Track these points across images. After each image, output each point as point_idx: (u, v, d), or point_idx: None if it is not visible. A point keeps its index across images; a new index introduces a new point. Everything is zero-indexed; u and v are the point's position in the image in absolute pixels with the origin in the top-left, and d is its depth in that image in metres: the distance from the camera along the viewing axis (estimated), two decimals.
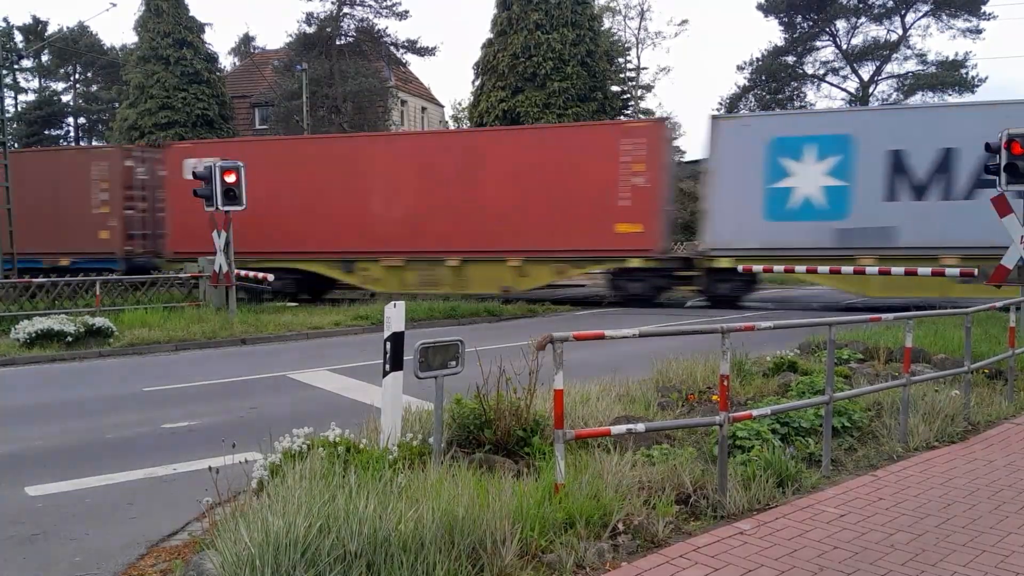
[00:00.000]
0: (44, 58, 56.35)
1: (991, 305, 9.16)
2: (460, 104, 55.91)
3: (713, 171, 20.69)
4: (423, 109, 54.16)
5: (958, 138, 17.61)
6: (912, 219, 18.88)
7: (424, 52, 42.79)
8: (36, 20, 55.57)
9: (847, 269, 18.96)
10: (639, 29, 50.55)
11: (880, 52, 45.16)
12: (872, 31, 45.52)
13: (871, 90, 45.83)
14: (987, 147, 12.85)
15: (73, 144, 53.43)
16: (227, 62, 52.89)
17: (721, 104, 47.82)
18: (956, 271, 18.52)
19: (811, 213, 19.57)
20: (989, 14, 43.16)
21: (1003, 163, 12.33)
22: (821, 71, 47.14)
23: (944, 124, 18.77)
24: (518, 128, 30.22)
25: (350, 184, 23.06)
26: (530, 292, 23.20)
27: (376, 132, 36.33)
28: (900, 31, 44.76)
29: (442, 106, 57.45)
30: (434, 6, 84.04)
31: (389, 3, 41.38)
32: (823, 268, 19.43)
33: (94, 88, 56.84)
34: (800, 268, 19.87)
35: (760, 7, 45.68)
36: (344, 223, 23.02)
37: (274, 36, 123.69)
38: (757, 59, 46.55)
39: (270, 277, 22.45)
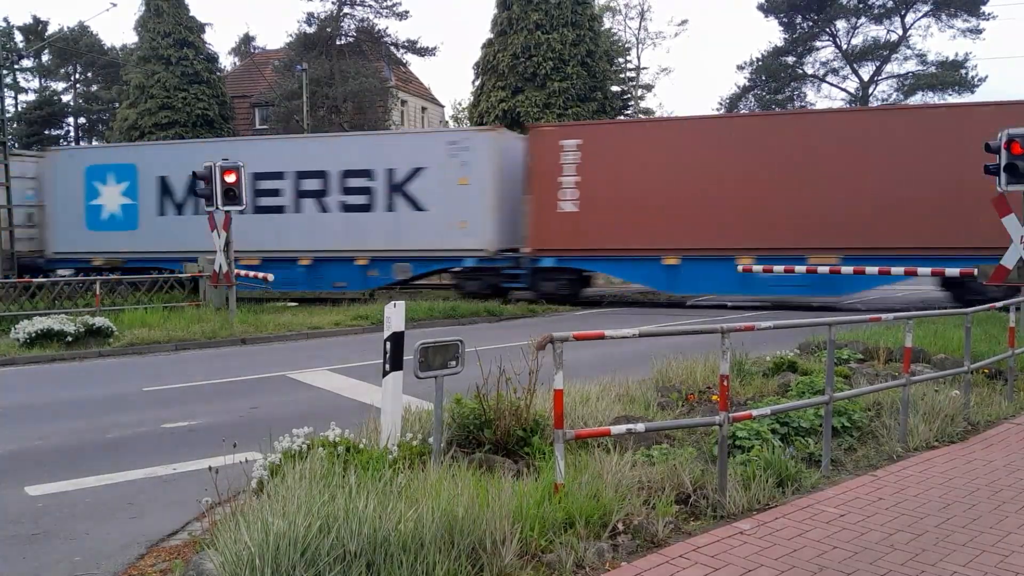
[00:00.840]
0: (44, 58, 56.36)
1: (991, 305, 9.17)
2: (460, 104, 55.98)
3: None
4: (423, 109, 54.17)
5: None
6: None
7: (424, 52, 42.80)
8: (36, 20, 55.59)
9: None
10: (639, 29, 50.70)
11: (880, 52, 45.17)
12: (872, 31, 45.59)
13: (871, 90, 45.86)
14: (987, 147, 12.84)
15: (72, 143, 53.42)
16: (227, 62, 52.98)
17: (721, 104, 47.86)
18: (956, 271, 18.54)
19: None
20: (989, 14, 43.28)
21: (1003, 163, 12.33)
22: (821, 71, 47.20)
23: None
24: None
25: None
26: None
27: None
28: (900, 31, 44.80)
29: (442, 106, 57.47)
30: (434, 6, 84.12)
31: (389, 3, 41.39)
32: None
33: (94, 88, 56.81)
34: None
35: (760, 7, 45.70)
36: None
37: (274, 36, 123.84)
38: (757, 59, 46.59)
39: (270, 277, 22.45)
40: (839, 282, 19.86)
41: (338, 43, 41.22)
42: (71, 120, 57.39)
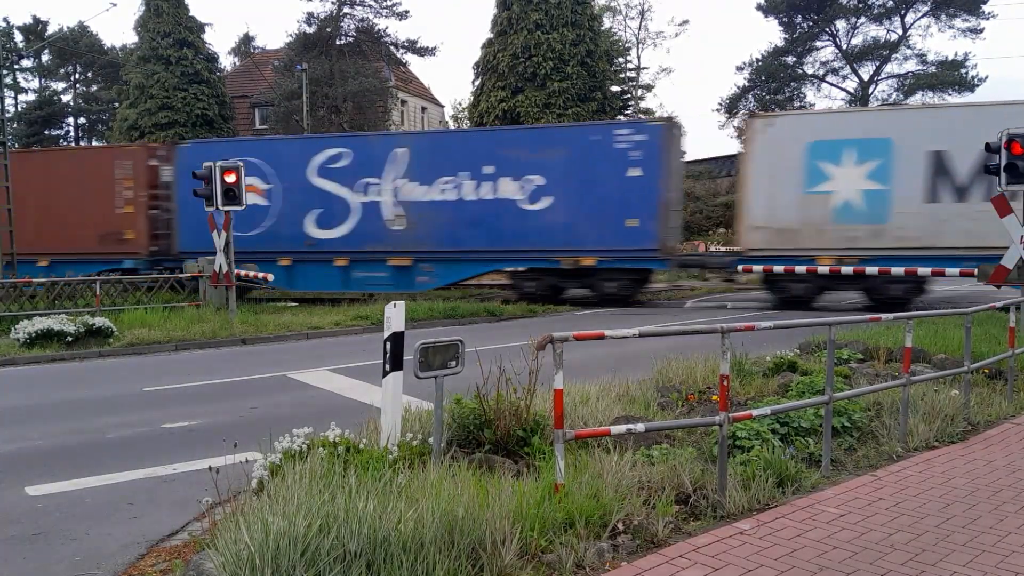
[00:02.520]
0: (44, 58, 56.40)
1: (991, 305, 9.17)
2: (460, 104, 55.97)
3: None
4: (423, 109, 54.17)
5: None
6: None
7: (424, 52, 42.80)
8: (36, 20, 55.62)
9: None
10: (639, 29, 50.59)
11: (880, 52, 45.16)
12: (872, 31, 45.59)
13: (871, 90, 45.85)
14: (987, 147, 12.85)
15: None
16: (227, 62, 52.99)
17: (721, 104, 47.88)
18: (956, 271, 18.56)
19: None
20: (989, 14, 43.23)
21: (1003, 163, 12.34)
22: (821, 71, 47.18)
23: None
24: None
25: None
26: None
27: None
28: (900, 31, 44.79)
29: (442, 106, 57.47)
30: (434, 6, 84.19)
31: (389, 3, 41.38)
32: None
33: (94, 88, 56.84)
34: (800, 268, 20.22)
35: (760, 7, 45.69)
36: None
37: (274, 36, 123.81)
38: (757, 59, 46.57)
39: (270, 277, 22.43)
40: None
41: (338, 43, 41.21)
42: (71, 120, 57.40)
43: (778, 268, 20.60)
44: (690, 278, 31.20)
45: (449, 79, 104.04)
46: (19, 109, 54.46)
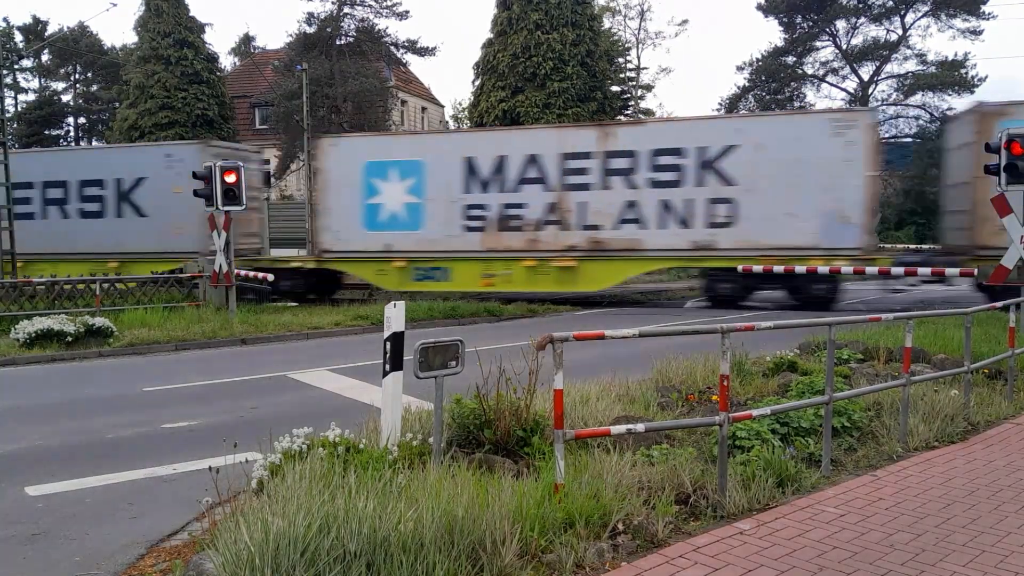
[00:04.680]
0: (44, 58, 56.31)
1: (991, 305, 9.17)
2: (460, 104, 55.97)
3: None
4: (423, 109, 54.17)
5: None
6: None
7: (424, 52, 42.77)
8: (36, 20, 55.55)
9: None
10: (639, 29, 50.48)
11: (880, 52, 45.13)
12: (872, 31, 45.53)
13: (871, 90, 45.84)
14: (987, 147, 12.86)
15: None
16: (227, 62, 52.99)
17: (721, 104, 47.86)
18: (956, 271, 18.57)
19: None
20: (989, 14, 43.17)
21: (1003, 163, 12.34)
22: (821, 71, 47.14)
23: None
24: None
25: None
26: None
27: None
28: (900, 31, 44.76)
29: (442, 106, 57.48)
30: (434, 6, 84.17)
31: (389, 3, 41.35)
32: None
33: (94, 88, 56.76)
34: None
35: (760, 7, 45.67)
36: None
37: (274, 36, 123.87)
38: (757, 59, 46.54)
39: (270, 277, 22.44)
40: None
41: (338, 43, 41.18)
42: (71, 120, 57.38)
43: None
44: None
45: (449, 79, 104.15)
46: (19, 109, 54.40)
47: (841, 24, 45.38)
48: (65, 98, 57.13)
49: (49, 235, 24.82)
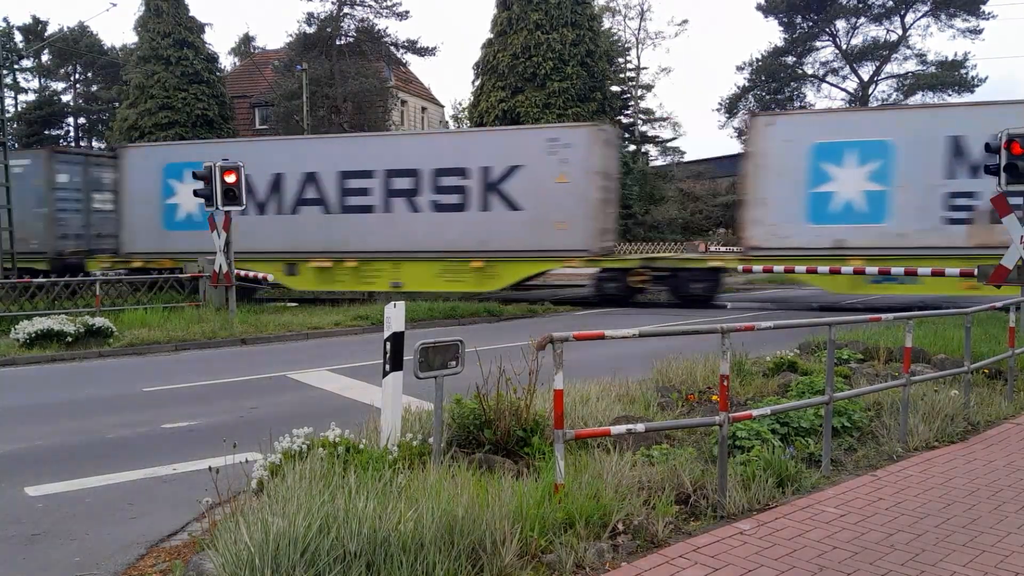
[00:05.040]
0: (44, 58, 56.33)
1: (991, 305, 9.17)
2: (460, 104, 55.96)
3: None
4: (423, 109, 54.17)
5: None
6: None
7: (424, 52, 42.82)
8: (36, 20, 55.56)
9: None
10: (639, 29, 50.61)
11: (880, 52, 45.18)
12: (872, 31, 45.62)
13: (871, 90, 45.86)
14: (987, 147, 12.86)
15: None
16: (227, 62, 53.02)
17: (721, 104, 47.89)
18: (956, 271, 18.56)
19: None
20: (989, 14, 43.23)
21: (1003, 163, 12.34)
22: (821, 71, 47.21)
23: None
24: None
25: None
26: None
27: None
28: (900, 31, 44.80)
29: (442, 106, 57.47)
30: (434, 6, 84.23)
31: (389, 3, 41.39)
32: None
33: (94, 88, 56.78)
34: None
35: (760, 7, 45.71)
36: None
37: (274, 36, 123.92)
38: (757, 59, 46.62)
39: (270, 277, 22.44)
40: None
41: (338, 43, 41.22)
42: (71, 120, 57.37)
43: None
44: None
45: (449, 79, 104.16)
46: (19, 109, 54.39)
47: (841, 24, 45.46)
48: (65, 98, 57.16)
49: (391, 231, 22.70)
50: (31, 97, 56.14)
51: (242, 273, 20.18)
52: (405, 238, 22.56)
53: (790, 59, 46.74)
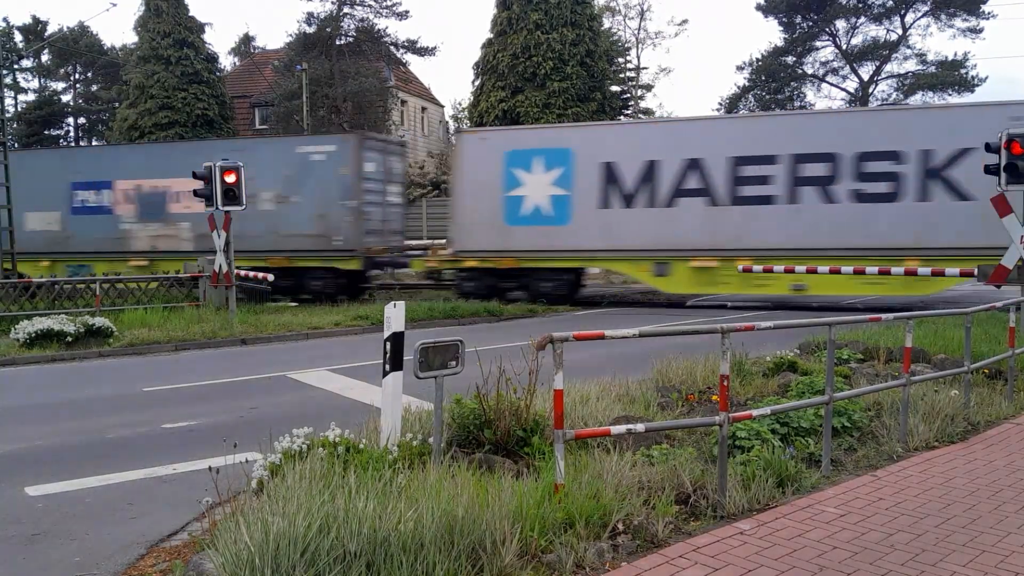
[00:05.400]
0: (44, 58, 56.31)
1: (991, 305, 9.17)
2: (460, 104, 55.95)
3: None
4: (423, 109, 54.14)
5: None
6: None
7: (424, 52, 42.80)
8: (36, 20, 55.51)
9: None
10: (639, 29, 50.66)
11: (880, 52, 45.17)
12: (872, 31, 45.59)
13: (871, 90, 45.86)
14: (987, 147, 12.86)
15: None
16: (227, 62, 52.98)
17: (721, 104, 47.89)
18: (956, 271, 18.56)
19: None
20: (989, 14, 43.20)
21: (1003, 163, 12.35)
22: (821, 71, 47.20)
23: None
24: None
25: None
26: None
27: None
28: (900, 31, 44.78)
29: (442, 106, 57.43)
30: (434, 6, 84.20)
31: (389, 3, 41.38)
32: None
33: (94, 88, 56.76)
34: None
35: (760, 7, 45.70)
36: None
37: (274, 36, 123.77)
38: (757, 59, 46.59)
39: (270, 277, 22.43)
40: None
41: (338, 43, 41.22)
42: (71, 120, 57.37)
43: None
44: None
45: (449, 79, 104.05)
46: (19, 109, 54.38)
47: (841, 24, 45.44)
48: (65, 98, 57.13)
49: (798, 223, 19.75)
50: (31, 97, 56.18)
51: (242, 273, 20.11)
52: (814, 233, 19.59)
53: (790, 59, 46.73)
